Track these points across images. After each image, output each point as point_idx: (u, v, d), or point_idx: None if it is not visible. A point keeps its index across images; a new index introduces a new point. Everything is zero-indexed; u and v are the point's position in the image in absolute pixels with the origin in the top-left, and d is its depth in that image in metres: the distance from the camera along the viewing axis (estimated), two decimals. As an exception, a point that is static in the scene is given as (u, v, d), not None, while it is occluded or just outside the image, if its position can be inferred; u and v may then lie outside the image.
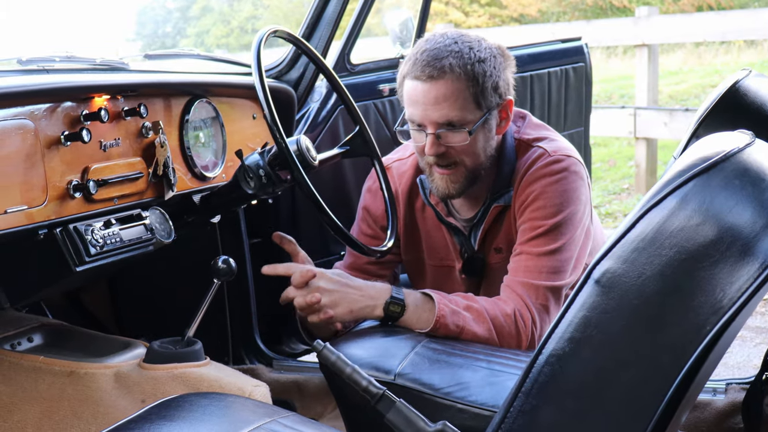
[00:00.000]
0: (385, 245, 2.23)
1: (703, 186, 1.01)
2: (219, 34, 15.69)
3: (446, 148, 2.11)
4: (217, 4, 16.52)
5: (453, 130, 2.09)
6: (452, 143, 2.10)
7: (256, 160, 2.17)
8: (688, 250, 0.98)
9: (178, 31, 16.43)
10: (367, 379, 1.44)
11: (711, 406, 2.35)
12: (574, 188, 2.14)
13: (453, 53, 2.06)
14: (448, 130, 2.09)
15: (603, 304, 1.01)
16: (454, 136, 2.09)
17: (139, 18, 17.05)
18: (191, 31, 16.28)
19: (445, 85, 2.05)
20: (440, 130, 2.09)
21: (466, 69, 2.05)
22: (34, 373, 2.01)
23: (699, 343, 0.97)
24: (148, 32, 17.71)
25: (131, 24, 16.76)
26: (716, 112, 1.77)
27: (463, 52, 2.07)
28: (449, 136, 2.09)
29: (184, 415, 1.59)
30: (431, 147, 2.10)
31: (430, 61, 2.06)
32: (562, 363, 1.02)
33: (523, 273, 2.12)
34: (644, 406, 0.98)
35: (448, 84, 2.05)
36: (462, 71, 2.05)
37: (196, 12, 16.64)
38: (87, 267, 1.89)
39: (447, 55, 2.06)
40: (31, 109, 1.82)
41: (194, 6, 16.70)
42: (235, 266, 2.05)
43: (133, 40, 16.26)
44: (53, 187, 1.85)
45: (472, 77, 2.06)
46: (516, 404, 1.04)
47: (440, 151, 2.11)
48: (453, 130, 2.09)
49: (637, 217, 1.01)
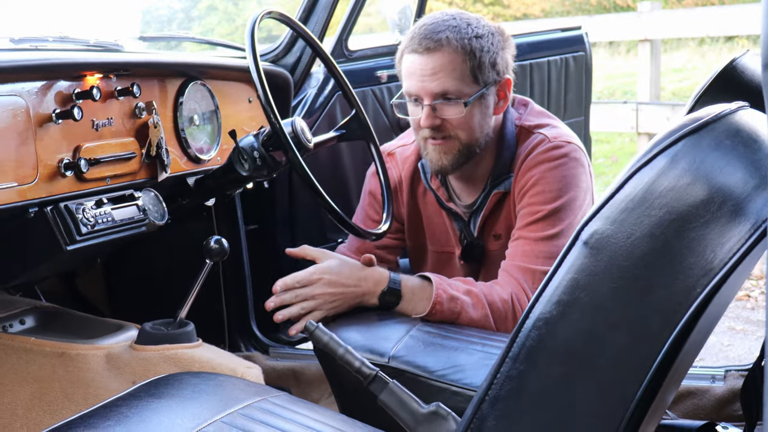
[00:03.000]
0: (380, 228, 2.21)
1: (694, 145, 0.99)
2: (224, 32, 15.69)
3: (441, 120, 2.10)
4: (221, 3, 16.53)
5: (449, 103, 2.08)
6: (448, 116, 2.10)
7: (251, 142, 2.15)
8: (678, 210, 0.96)
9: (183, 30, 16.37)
10: (359, 359, 1.42)
11: (710, 393, 2.33)
12: (574, 174, 2.13)
13: (450, 27, 2.08)
14: (443, 102, 2.08)
15: (591, 266, 0.99)
16: (450, 108, 2.09)
17: (144, 17, 17.07)
18: (196, 30, 16.28)
19: (441, 57, 2.06)
20: (436, 101, 2.08)
21: (463, 42, 2.06)
22: (24, 354, 2.00)
23: (689, 306, 0.95)
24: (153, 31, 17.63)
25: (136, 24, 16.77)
26: (713, 89, 1.74)
27: (461, 27, 2.09)
28: (445, 108, 2.09)
29: (173, 393, 1.57)
30: (427, 119, 2.09)
31: (428, 34, 2.08)
32: (549, 327, 1.00)
33: (520, 257, 2.10)
34: (634, 370, 0.96)
35: (444, 56, 2.06)
36: (459, 44, 2.06)
37: (200, 11, 16.65)
38: (78, 246, 1.88)
39: (444, 29, 2.08)
40: (22, 86, 1.81)
41: (199, 5, 16.71)
42: (228, 246, 2.03)
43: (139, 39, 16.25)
44: (44, 165, 1.84)
45: (469, 51, 2.07)
46: (503, 369, 1.02)
47: (436, 123, 2.10)
48: (449, 103, 2.08)
49: (626, 178, 0.99)
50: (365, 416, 1.63)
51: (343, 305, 2.06)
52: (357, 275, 2.05)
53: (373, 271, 2.07)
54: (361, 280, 2.04)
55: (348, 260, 2.09)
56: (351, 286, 2.03)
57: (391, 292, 2.04)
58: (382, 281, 2.05)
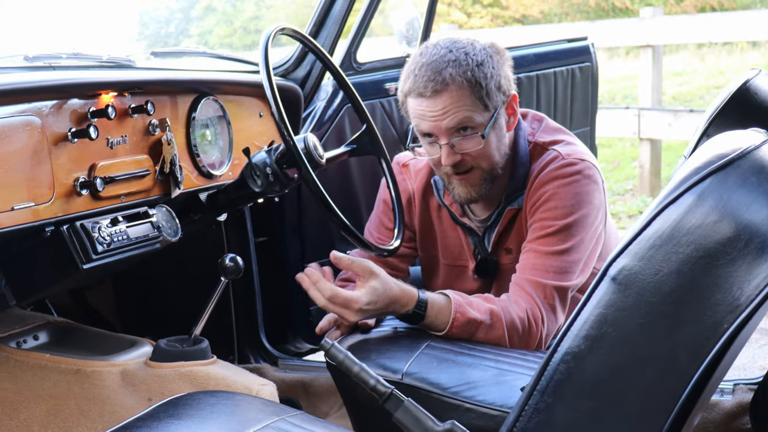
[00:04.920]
0: (392, 245, 2.22)
1: (720, 183, 1.00)
2: (222, 34, 15.66)
3: (462, 155, 2.10)
4: (219, 5, 16.50)
5: (466, 137, 2.09)
6: (467, 149, 2.10)
7: (263, 158, 2.16)
8: (706, 247, 0.97)
9: (181, 32, 16.40)
10: (375, 377, 1.43)
11: (718, 406, 2.34)
12: (587, 191, 2.14)
13: (451, 63, 2.06)
14: (461, 137, 2.08)
15: (619, 302, 1.00)
16: (468, 142, 2.09)
17: (142, 18, 17.01)
18: (194, 31, 16.24)
19: (450, 96, 2.05)
20: (453, 138, 2.08)
21: (467, 76, 2.05)
22: (40, 371, 2.00)
23: (716, 342, 0.96)
24: (151, 33, 17.65)
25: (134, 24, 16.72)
26: (727, 110, 1.75)
27: (461, 60, 2.06)
28: (463, 143, 2.09)
29: (192, 413, 1.58)
30: (447, 157, 2.09)
31: (431, 76, 2.05)
32: (577, 361, 1.01)
33: (530, 271, 2.11)
34: (660, 405, 0.97)
35: (452, 94, 2.05)
36: (463, 78, 2.05)
37: (198, 12, 16.61)
38: (94, 264, 1.89)
39: (445, 66, 2.06)
40: (37, 105, 1.82)
41: (197, 6, 16.67)
42: (243, 264, 2.04)
43: (137, 40, 16.24)
44: (60, 184, 1.85)
45: (474, 83, 2.06)
46: (531, 402, 1.03)
47: (456, 159, 2.10)
48: (466, 137, 2.09)
49: (653, 214, 1.00)
50: (379, 433, 1.64)
51: (374, 316, 2.08)
52: (390, 297, 2.02)
53: (404, 294, 2.02)
54: (392, 302, 2.02)
55: (388, 281, 2.03)
56: (381, 309, 2.03)
57: (416, 315, 2.04)
58: (410, 304, 2.03)
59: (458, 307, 2.02)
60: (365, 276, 2.02)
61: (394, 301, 2.02)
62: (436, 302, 2.05)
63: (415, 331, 2.07)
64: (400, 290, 2.03)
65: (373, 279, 2.01)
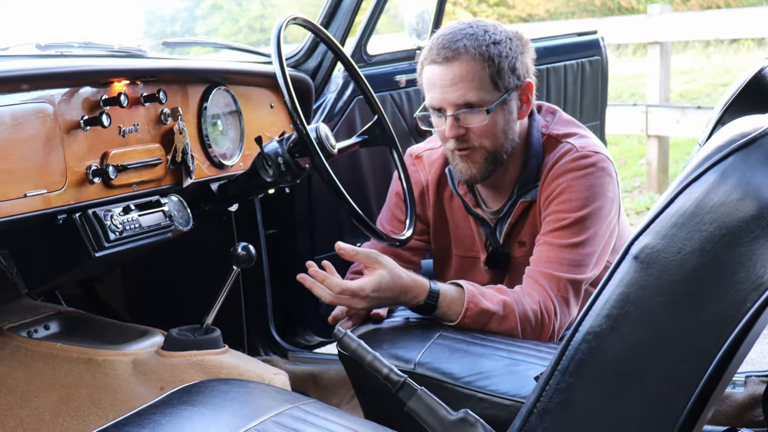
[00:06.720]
0: (404, 234, 2.21)
1: (743, 160, 0.99)
2: (227, 32, 15.67)
3: (465, 130, 2.11)
4: (225, 3, 16.50)
5: (471, 111, 2.09)
6: (471, 124, 2.10)
7: (275, 148, 2.16)
8: (729, 225, 0.97)
9: (187, 30, 16.41)
10: (388, 366, 1.42)
11: (731, 398, 2.33)
12: (601, 184, 2.13)
13: (468, 35, 2.09)
14: (466, 111, 2.09)
15: (642, 280, 0.99)
16: (473, 116, 2.10)
17: (147, 17, 17.04)
18: (199, 30, 16.26)
19: (460, 66, 2.07)
20: (459, 111, 2.09)
21: (481, 50, 2.07)
22: (51, 360, 2.00)
23: (739, 320, 0.95)
24: (156, 31, 17.67)
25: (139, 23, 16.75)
26: (742, 98, 1.74)
27: (478, 35, 2.09)
28: (468, 117, 2.10)
29: (205, 400, 1.58)
30: (451, 129, 2.10)
31: (446, 44, 2.08)
32: (599, 340, 1.00)
33: (544, 263, 2.11)
34: (684, 383, 0.97)
35: (463, 64, 2.07)
36: (477, 52, 2.07)
37: (204, 11, 16.62)
38: (106, 252, 1.88)
39: (462, 38, 2.09)
40: (50, 93, 1.82)
41: (202, 4, 16.69)
42: (255, 253, 2.04)
43: (142, 38, 16.27)
44: (72, 171, 1.84)
45: (487, 58, 2.07)
46: (552, 382, 1.02)
47: (460, 133, 2.11)
48: (471, 111, 2.09)
49: (676, 192, 1.00)
50: (391, 422, 1.63)
51: (384, 306, 2.08)
52: (400, 287, 2.00)
53: (414, 285, 2.01)
54: (402, 292, 2.01)
55: (396, 270, 2.02)
56: (391, 298, 2.02)
57: (428, 306, 2.03)
58: (422, 295, 2.02)
59: (471, 297, 2.01)
60: (371, 264, 2.02)
61: (404, 291, 2.01)
62: (448, 293, 2.03)
63: (427, 321, 2.07)
64: (411, 280, 2.02)
65: (379, 267, 2.01)
